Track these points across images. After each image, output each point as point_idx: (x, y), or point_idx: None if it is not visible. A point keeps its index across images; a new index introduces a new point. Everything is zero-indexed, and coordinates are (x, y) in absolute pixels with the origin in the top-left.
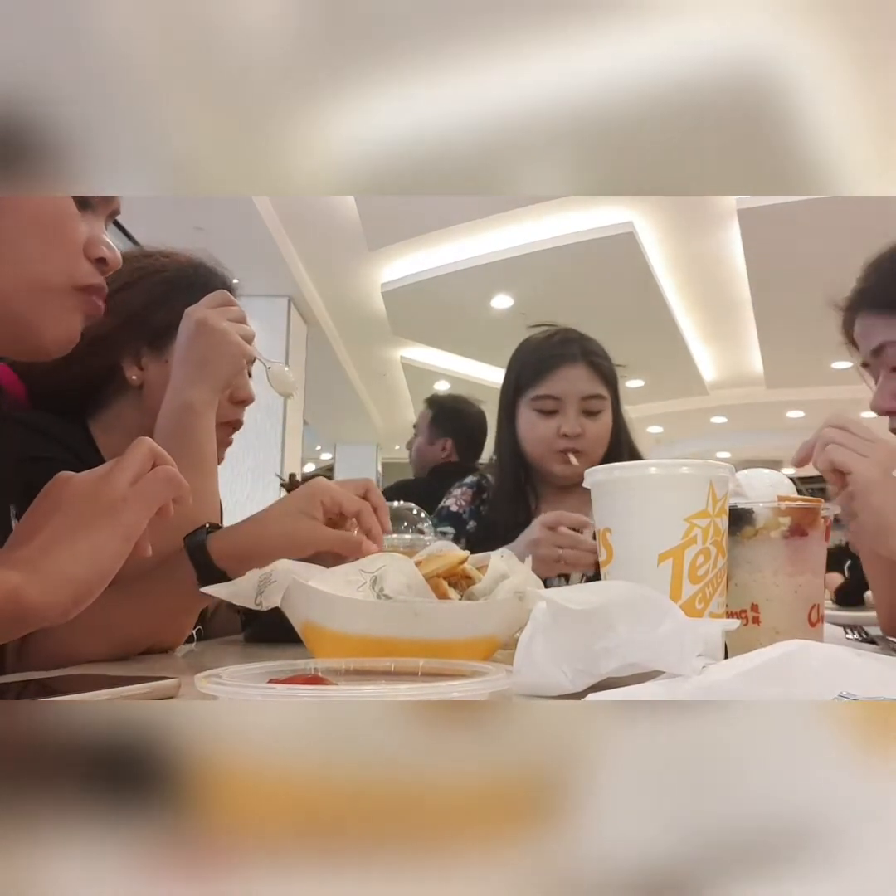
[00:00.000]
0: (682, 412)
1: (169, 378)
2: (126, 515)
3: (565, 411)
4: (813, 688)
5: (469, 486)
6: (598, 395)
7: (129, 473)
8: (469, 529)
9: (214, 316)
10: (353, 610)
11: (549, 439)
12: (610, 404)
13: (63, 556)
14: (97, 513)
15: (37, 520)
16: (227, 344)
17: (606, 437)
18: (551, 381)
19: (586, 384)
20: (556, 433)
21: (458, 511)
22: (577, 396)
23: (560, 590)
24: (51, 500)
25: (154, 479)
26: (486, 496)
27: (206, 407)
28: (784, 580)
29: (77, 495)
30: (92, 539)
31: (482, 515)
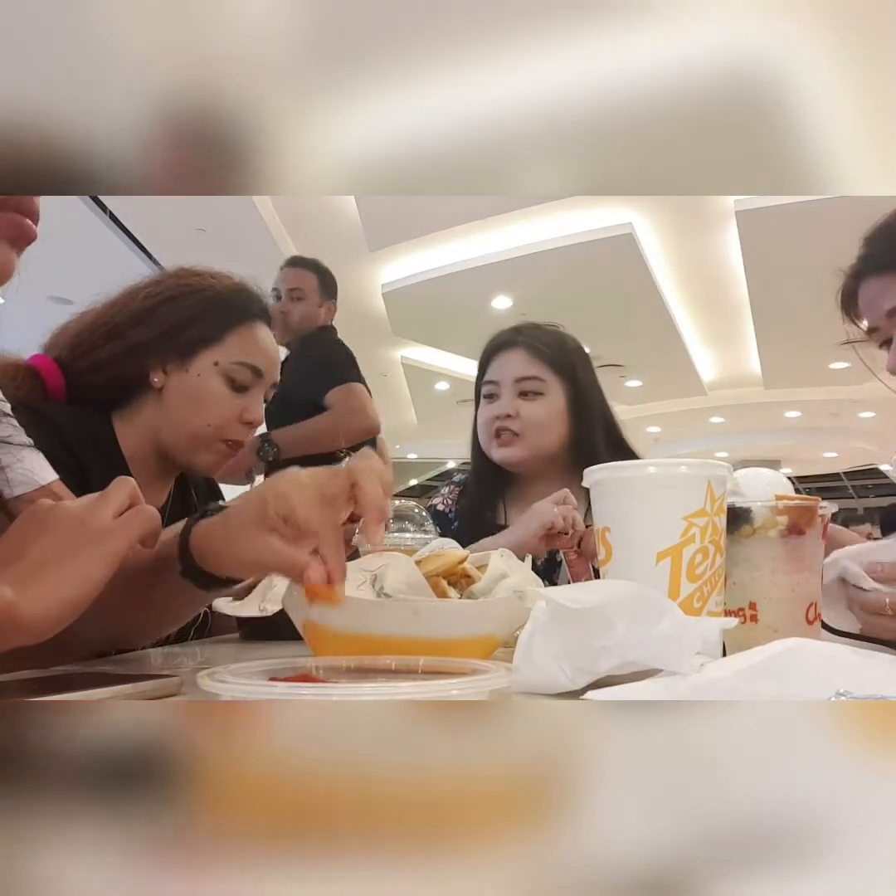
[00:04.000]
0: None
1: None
2: (110, 543)
3: (501, 395)
4: (811, 686)
5: (457, 485)
6: (533, 377)
7: (114, 507)
8: (453, 530)
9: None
10: (353, 608)
11: (488, 423)
12: (557, 389)
13: (52, 577)
14: (84, 540)
15: (24, 539)
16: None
17: (549, 420)
18: (491, 367)
19: (521, 367)
20: (493, 417)
21: (444, 510)
22: (512, 379)
23: (560, 588)
24: (37, 522)
25: (138, 512)
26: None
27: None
28: (782, 578)
29: (65, 521)
30: (79, 564)
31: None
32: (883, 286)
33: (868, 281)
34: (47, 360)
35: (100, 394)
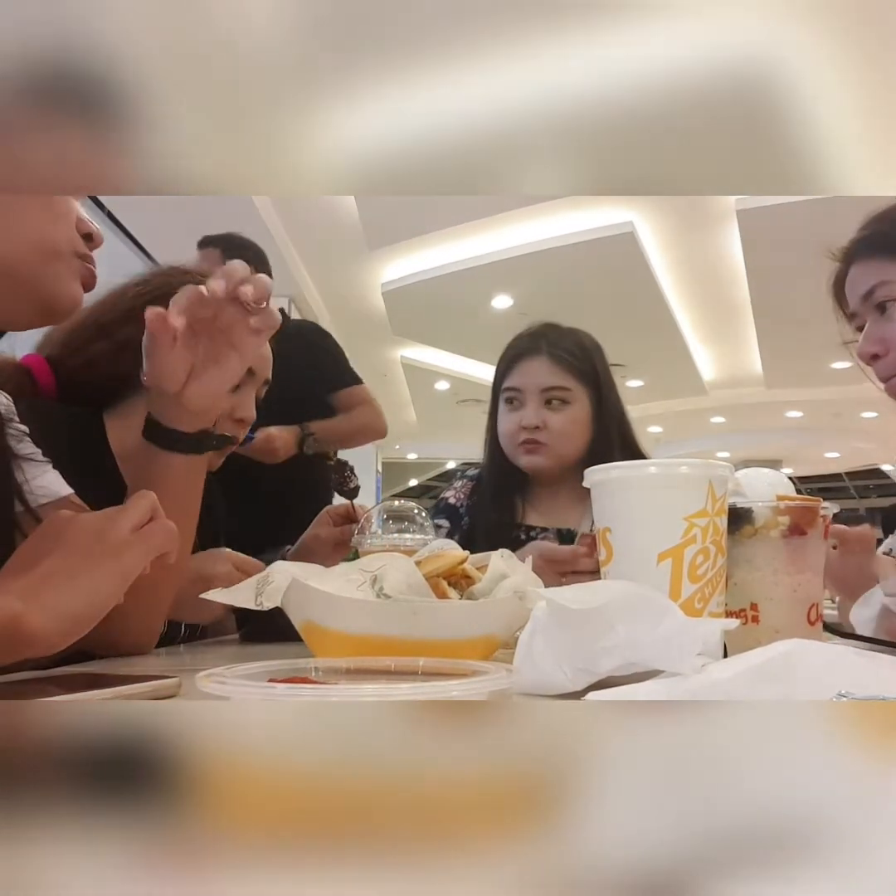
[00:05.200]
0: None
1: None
2: (127, 558)
3: (527, 404)
4: (812, 687)
5: (470, 479)
6: (559, 387)
7: (133, 520)
8: (463, 525)
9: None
10: (353, 609)
11: (513, 432)
12: (582, 398)
13: (64, 590)
14: (101, 552)
15: (38, 551)
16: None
17: (575, 430)
18: (515, 374)
19: (547, 376)
20: (518, 426)
21: (455, 504)
22: (538, 388)
23: (560, 589)
24: (53, 533)
25: (156, 528)
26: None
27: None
28: (783, 579)
29: (82, 533)
30: (93, 577)
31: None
32: (864, 269)
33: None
34: (39, 358)
35: (91, 392)
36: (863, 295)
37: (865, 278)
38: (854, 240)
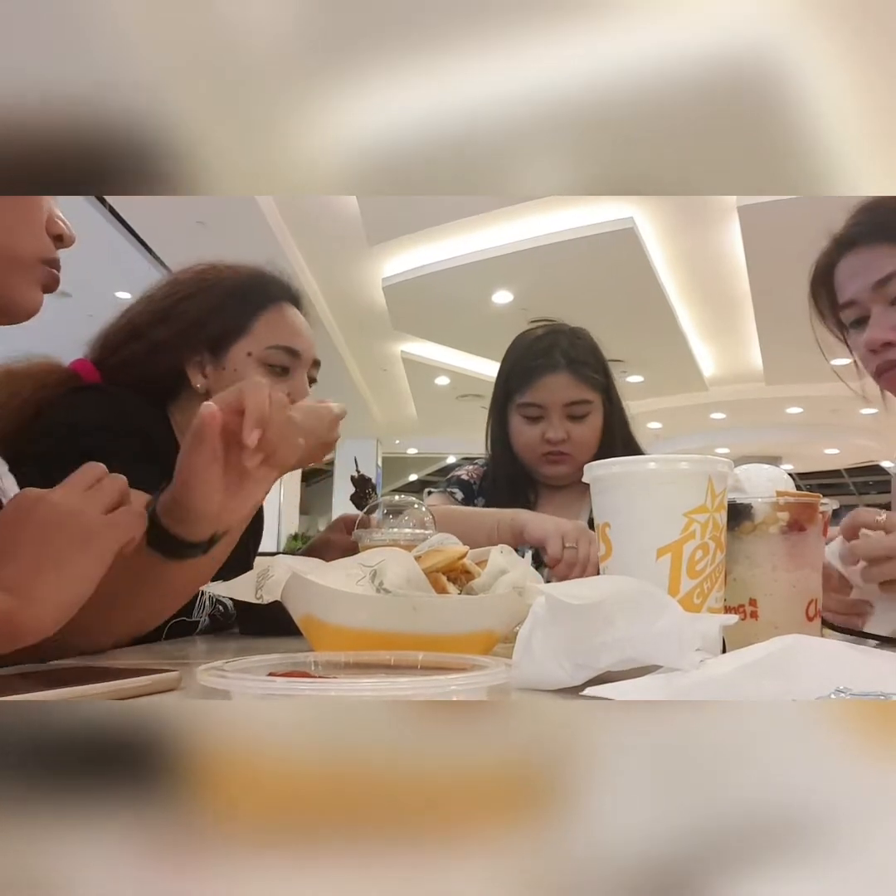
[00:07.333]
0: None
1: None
2: (104, 542)
3: (549, 418)
4: (811, 682)
5: (480, 466)
6: (582, 401)
7: (105, 503)
8: (476, 503)
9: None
10: (352, 604)
11: (535, 444)
12: (599, 406)
13: (50, 580)
14: (78, 538)
15: (16, 538)
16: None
17: (595, 437)
18: (535, 389)
19: (569, 391)
20: (541, 438)
21: (468, 480)
22: (560, 404)
23: (559, 584)
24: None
25: (128, 512)
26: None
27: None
28: (782, 575)
29: (55, 516)
30: (76, 564)
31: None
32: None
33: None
34: (84, 361)
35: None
36: (875, 283)
37: (878, 264)
38: (851, 226)
